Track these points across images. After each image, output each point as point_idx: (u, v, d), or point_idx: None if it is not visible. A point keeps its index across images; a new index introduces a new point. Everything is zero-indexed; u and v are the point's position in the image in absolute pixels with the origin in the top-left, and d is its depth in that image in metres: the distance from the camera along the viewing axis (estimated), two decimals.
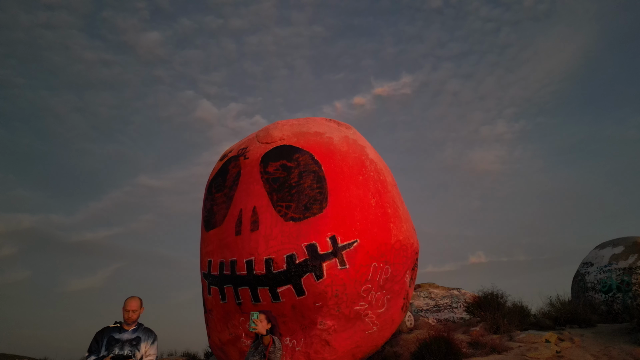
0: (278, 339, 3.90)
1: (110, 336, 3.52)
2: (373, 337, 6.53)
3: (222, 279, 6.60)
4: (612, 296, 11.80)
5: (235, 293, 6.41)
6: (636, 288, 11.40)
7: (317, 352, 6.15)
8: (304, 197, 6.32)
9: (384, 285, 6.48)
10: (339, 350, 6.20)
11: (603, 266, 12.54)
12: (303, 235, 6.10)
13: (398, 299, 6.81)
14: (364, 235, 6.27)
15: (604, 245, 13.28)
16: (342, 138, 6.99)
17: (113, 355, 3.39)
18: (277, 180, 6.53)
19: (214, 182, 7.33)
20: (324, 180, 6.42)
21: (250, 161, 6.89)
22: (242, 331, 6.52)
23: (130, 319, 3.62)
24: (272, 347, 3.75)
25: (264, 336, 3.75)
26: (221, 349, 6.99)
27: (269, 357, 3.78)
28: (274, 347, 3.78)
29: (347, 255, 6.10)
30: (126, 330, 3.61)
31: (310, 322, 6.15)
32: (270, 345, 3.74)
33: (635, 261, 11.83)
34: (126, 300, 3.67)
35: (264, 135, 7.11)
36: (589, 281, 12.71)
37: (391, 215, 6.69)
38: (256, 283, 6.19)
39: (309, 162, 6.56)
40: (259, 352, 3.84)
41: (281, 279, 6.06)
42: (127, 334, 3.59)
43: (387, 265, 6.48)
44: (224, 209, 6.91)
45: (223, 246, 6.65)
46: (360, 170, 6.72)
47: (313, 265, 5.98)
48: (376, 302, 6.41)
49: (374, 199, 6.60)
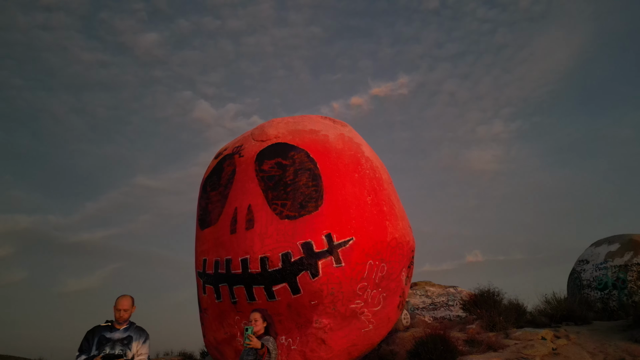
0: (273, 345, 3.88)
1: (101, 335, 3.48)
2: (369, 335, 6.50)
3: (217, 277, 6.55)
4: (608, 293, 11.84)
5: (230, 292, 6.36)
6: (632, 285, 11.44)
7: (313, 351, 6.12)
8: (299, 195, 6.29)
9: (380, 283, 6.45)
10: (335, 349, 6.17)
11: (599, 264, 12.58)
12: (298, 234, 6.06)
13: (394, 297, 6.79)
14: (360, 233, 6.24)
15: (599, 243, 13.32)
16: (338, 136, 6.96)
17: (104, 355, 3.34)
18: (273, 179, 6.49)
19: (209, 181, 7.27)
20: (320, 178, 6.38)
21: (245, 159, 6.85)
22: (238, 330, 6.48)
23: (122, 317, 3.57)
24: (267, 356, 3.75)
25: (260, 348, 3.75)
26: (217, 348, 6.94)
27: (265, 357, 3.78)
28: (269, 356, 3.78)
29: (343, 253, 6.07)
30: (117, 330, 3.56)
31: (306, 321, 6.11)
32: (265, 355, 3.73)
33: (630, 258, 11.87)
34: (117, 299, 3.63)
35: (259, 133, 7.07)
36: (584, 279, 12.75)
37: (387, 212, 6.67)
38: (251, 281, 6.15)
39: (305, 160, 6.53)
40: (254, 353, 3.82)
41: (276, 278, 6.02)
42: (118, 333, 3.54)
43: (383, 263, 6.45)
44: (219, 208, 6.86)
45: (218, 245, 6.60)
46: (356, 168, 6.69)
47: (308, 263, 5.95)
48: (372, 300, 6.39)
49: (370, 196, 6.57)
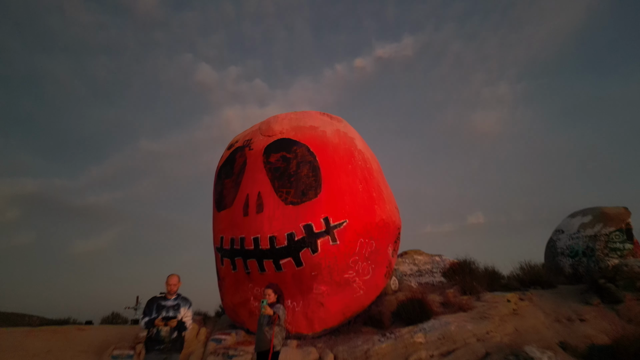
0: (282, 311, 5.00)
1: (158, 303, 4.71)
2: (360, 299, 7.83)
3: (232, 252, 7.81)
4: (578, 260, 13.21)
5: (244, 264, 7.64)
6: (599, 253, 12.77)
7: (313, 312, 7.47)
8: (301, 185, 7.43)
9: (369, 257, 7.71)
10: (332, 310, 7.52)
11: (572, 233, 13.89)
12: (301, 217, 7.26)
13: (381, 268, 8.08)
14: (352, 216, 7.43)
15: (575, 215, 14.58)
16: (334, 131, 8.01)
17: (163, 317, 4.59)
18: (278, 170, 7.61)
19: (223, 169, 8.39)
20: (319, 169, 7.50)
21: (255, 152, 7.94)
22: (251, 295, 7.80)
23: (172, 290, 4.79)
24: (277, 320, 4.91)
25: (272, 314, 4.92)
26: (233, 309, 8.31)
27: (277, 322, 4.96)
28: (279, 319, 4.94)
29: (338, 233, 7.28)
30: (169, 299, 4.79)
31: (307, 288, 7.42)
32: (276, 319, 4.90)
33: (600, 229, 13.15)
34: (168, 277, 4.83)
35: (266, 129, 8.12)
36: (559, 247, 14.09)
37: (376, 198, 7.83)
38: (262, 256, 7.40)
39: (306, 154, 7.62)
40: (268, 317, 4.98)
41: (283, 253, 7.27)
42: (170, 301, 4.77)
43: (372, 241, 7.69)
44: (232, 193, 8.02)
45: (233, 225, 7.82)
46: (350, 160, 7.79)
47: (309, 241, 7.18)
48: (362, 270, 7.67)
49: (361, 185, 7.72)
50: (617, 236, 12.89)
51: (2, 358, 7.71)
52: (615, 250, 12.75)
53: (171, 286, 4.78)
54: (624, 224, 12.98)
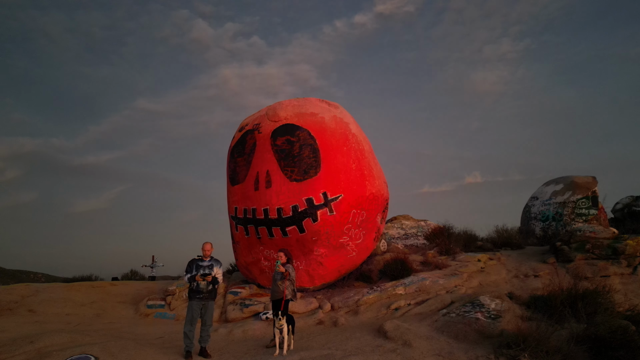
0: (292, 270, 6.39)
1: (196, 263, 6.14)
2: (353, 259, 9.37)
3: (245, 220, 9.24)
4: (548, 225, 14.83)
5: (256, 230, 9.10)
6: (566, 218, 14.37)
7: (314, 270, 9.02)
8: (303, 164, 8.75)
9: (361, 225, 9.18)
10: (329, 268, 9.07)
11: (545, 200, 15.44)
12: (303, 192, 8.64)
13: (371, 233, 9.57)
14: (347, 191, 8.82)
15: (548, 183, 16.08)
16: (332, 117, 9.24)
17: (201, 274, 6.03)
18: (284, 151, 8.91)
19: (236, 149, 9.67)
20: (318, 151, 8.80)
21: (263, 135, 9.19)
22: (261, 256, 9.32)
23: (206, 254, 6.20)
24: (289, 276, 6.32)
25: None
26: (246, 267, 9.88)
27: (288, 277, 6.37)
28: (290, 275, 6.35)
29: (335, 205, 8.70)
30: (205, 260, 6.21)
31: (309, 250, 8.93)
32: (287, 275, 6.31)
33: (569, 197, 14.69)
34: (203, 244, 6.22)
35: (273, 115, 9.33)
36: (533, 212, 15.68)
37: (367, 175, 9.20)
38: (271, 224, 8.85)
39: (307, 138, 8.89)
40: (280, 274, 6.40)
41: (288, 222, 8.71)
42: (205, 262, 6.18)
43: (363, 211, 9.13)
44: (244, 170, 9.35)
45: (245, 198, 9.20)
46: (345, 143, 9.08)
47: (310, 212, 8.60)
48: (355, 236, 9.16)
49: (354, 164, 9.05)
50: (584, 203, 14.44)
51: (57, 306, 9.29)
52: (580, 215, 14.33)
53: (206, 251, 6.20)
54: (590, 192, 14.50)
